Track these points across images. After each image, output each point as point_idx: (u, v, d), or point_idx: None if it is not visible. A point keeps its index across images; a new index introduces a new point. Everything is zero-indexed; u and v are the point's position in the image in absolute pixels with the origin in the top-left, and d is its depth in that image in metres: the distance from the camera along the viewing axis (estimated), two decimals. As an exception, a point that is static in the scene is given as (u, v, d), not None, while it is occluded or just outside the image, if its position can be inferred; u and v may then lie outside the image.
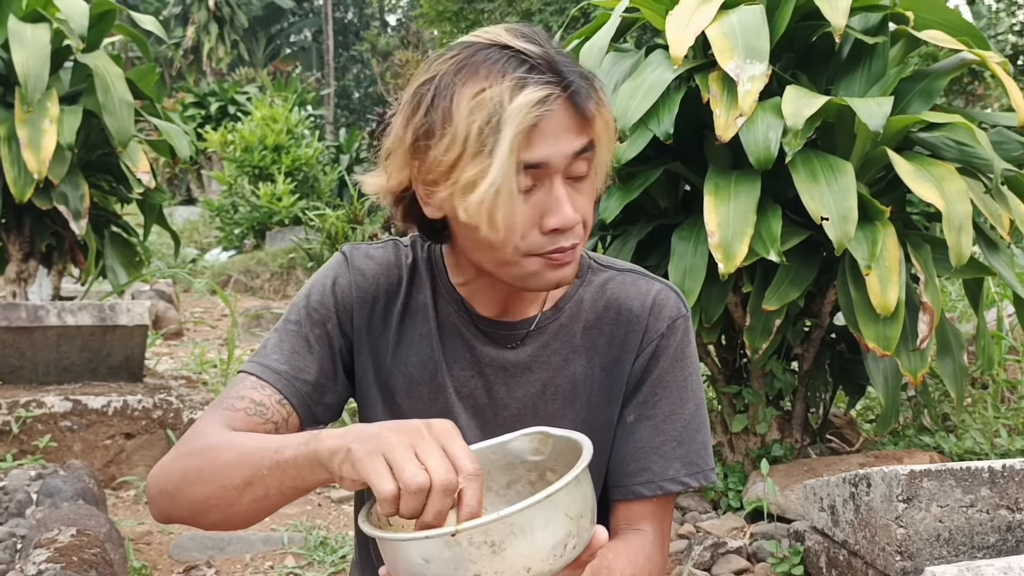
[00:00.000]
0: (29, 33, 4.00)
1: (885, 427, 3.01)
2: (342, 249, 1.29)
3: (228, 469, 1.03)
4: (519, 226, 1.08)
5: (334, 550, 3.08)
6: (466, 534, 0.84)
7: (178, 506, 1.09)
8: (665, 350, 1.23)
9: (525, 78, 1.05)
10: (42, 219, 4.52)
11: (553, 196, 1.08)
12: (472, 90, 1.05)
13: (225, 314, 8.07)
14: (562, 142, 1.07)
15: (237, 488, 1.02)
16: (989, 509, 1.94)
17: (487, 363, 1.24)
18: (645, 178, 2.78)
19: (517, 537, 0.85)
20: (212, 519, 1.08)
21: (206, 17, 27.33)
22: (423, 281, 1.26)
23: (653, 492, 1.21)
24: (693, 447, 1.23)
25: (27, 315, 3.92)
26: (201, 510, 1.07)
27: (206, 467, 1.06)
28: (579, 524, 0.89)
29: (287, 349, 1.21)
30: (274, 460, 0.99)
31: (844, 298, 2.68)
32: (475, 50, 1.08)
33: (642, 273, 1.28)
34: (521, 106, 1.03)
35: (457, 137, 1.04)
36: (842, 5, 2.60)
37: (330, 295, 1.24)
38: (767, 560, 2.51)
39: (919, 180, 2.51)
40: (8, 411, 3.62)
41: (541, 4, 14.67)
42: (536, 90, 1.04)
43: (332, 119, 26.22)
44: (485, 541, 0.84)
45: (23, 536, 2.60)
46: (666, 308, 1.24)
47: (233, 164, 12.04)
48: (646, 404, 1.23)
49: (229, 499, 1.04)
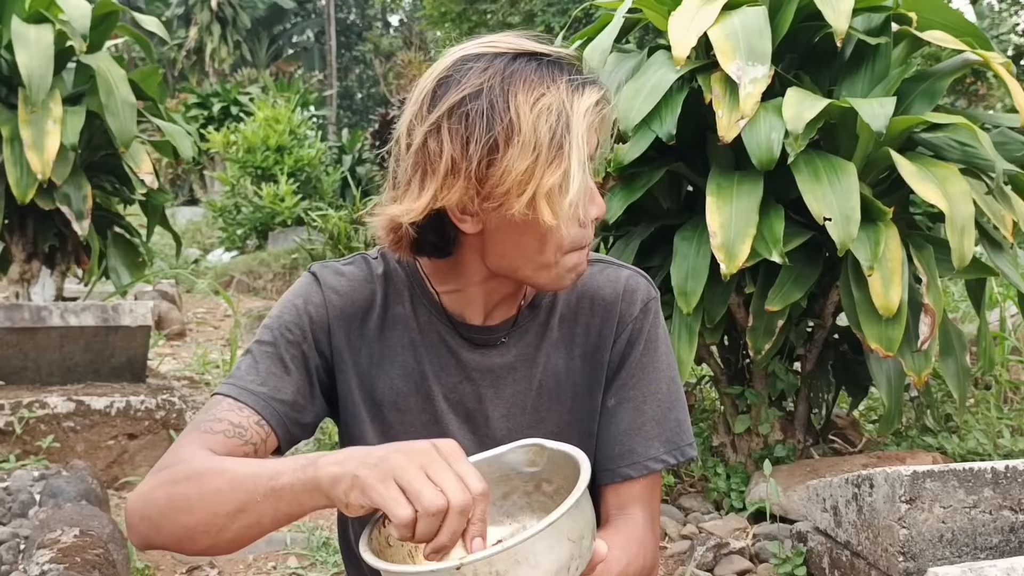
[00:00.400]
0: (32, 34, 4.00)
1: (888, 428, 3.01)
2: (310, 269, 1.27)
3: (219, 496, 1.01)
4: (582, 220, 1.13)
5: (336, 551, 3.09)
6: (471, 566, 0.84)
7: (163, 534, 1.06)
8: (640, 333, 1.26)
9: (574, 79, 1.09)
10: (45, 220, 4.52)
11: (591, 189, 1.13)
12: (530, 97, 1.06)
13: (228, 315, 8.08)
14: (600, 137, 1.13)
15: (228, 515, 1.00)
16: (992, 510, 1.94)
17: (474, 368, 1.24)
18: (648, 179, 2.78)
19: (521, 566, 0.85)
20: (200, 546, 1.05)
21: (209, 18, 27.36)
22: (400, 292, 1.26)
23: (640, 473, 1.24)
24: (668, 425, 1.25)
25: (30, 316, 3.93)
26: (189, 537, 1.04)
27: (194, 494, 1.03)
28: (581, 545, 0.90)
29: (263, 370, 1.18)
30: (269, 487, 0.97)
31: (847, 299, 2.67)
32: (510, 59, 1.09)
33: (608, 261, 1.31)
34: (588, 107, 1.08)
35: (527, 144, 1.04)
36: (844, 8, 2.60)
37: (304, 315, 1.22)
38: (769, 561, 2.51)
39: (922, 181, 2.51)
40: (11, 412, 3.62)
41: (544, 5, 14.67)
42: (592, 91, 1.10)
43: (335, 120, 26.24)
44: (490, 572, 0.84)
45: (26, 537, 2.60)
46: (637, 292, 1.28)
47: (236, 165, 12.05)
48: (625, 387, 1.25)
49: (219, 525, 1.01)
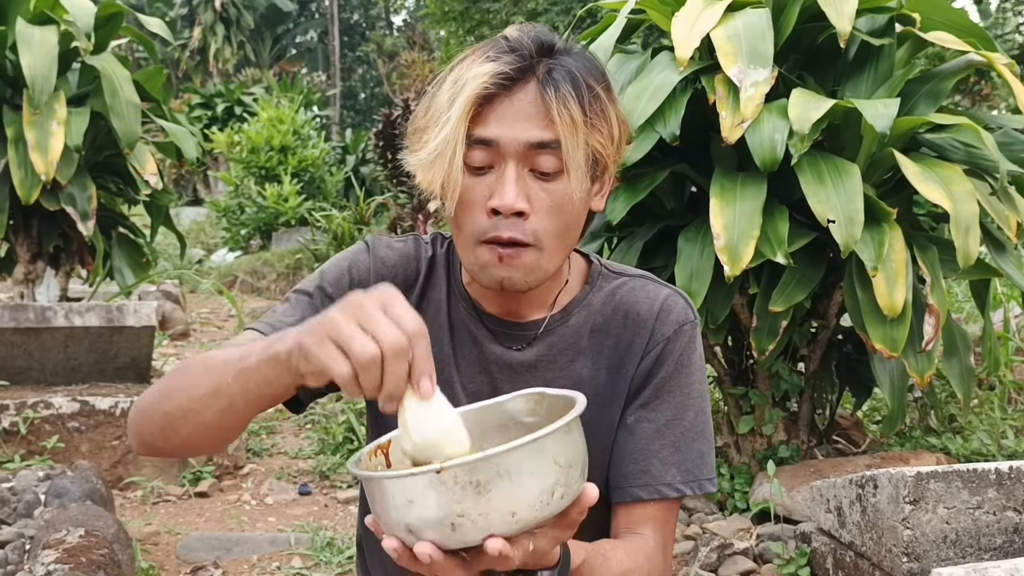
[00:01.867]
0: (37, 35, 4.01)
1: (891, 428, 3.01)
2: (365, 239, 1.30)
3: (195, 380, 1.03)
4: (469, 203, 1.10)
5: (340, 551, 3.09)
6: (451, 472, 0.81)
7: (152, 422, 1.09)
8: (670, 354, 1.23)
9: (497, 57, 1.08)
10: (50, 220, 4.53)
11: (503, 179, 1.09)
12: (456, 66, 1.10)
13: (231, 315, 8.09)
14: (518, 127, 1.08)
15: (203, 398, 1.02)
16: (996, 511, 1.94)
17: (493, 361, 1.24)
18: (651, 180, 2.78)
19: (503, 479, 0.83)
20: (182, 434, 1.06)
21: (212, 18, 27.38)
22: (439, 278, 1.28)
23: (651, 495, 1.21)
24: (690, 455, 1.22)
25: (35, 316, 3.94)
26: (170, 423, 1.06)
27: (176, 382, 1.07)
28: (568, 474, 0.87)
29: (296, 315, 1.21)
30: (238, 368, 0.98)
31: (851, 300, 2.67)
32: (486, 41, 1.12)
33: (652, 279, 1.29)
34: (477, 75, 1.06)
35: (431, 109, 1.10)
36: (847, 10, 2.60)
37: (346, 275, 1.25)
38: (773, 561, 2.51)
39: (926, 181, 2.51)
40: (16, 412, 3.63)
41: (547, 4, 14.67)
42: (498, 65, 1.07)
43: (338, 120, 26.27)
44: (470, 481, 0.82)
45: (31, 537, 2.61)
46: (673, 313, 1.24)
47: (239, 165, 12.05)
48: (647, 407, 1.23)
49: (196, 409, 1.03)
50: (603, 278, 1.28)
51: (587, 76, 1.11)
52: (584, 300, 1.26)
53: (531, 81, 1.09)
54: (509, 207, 1.08)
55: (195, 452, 1.13)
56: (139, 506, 3.58)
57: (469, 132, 1.08)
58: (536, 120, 1.08)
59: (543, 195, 1.11)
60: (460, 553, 0.87)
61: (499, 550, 0.84)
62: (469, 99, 1.07)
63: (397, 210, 9.77)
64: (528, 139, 1.08)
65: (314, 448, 4.35)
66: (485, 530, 0.84)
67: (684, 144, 2.68)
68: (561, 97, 1.08)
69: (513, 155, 1.09)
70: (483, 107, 1.09)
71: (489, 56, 1.09)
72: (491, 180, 1.10)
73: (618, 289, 1.27)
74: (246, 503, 3.68)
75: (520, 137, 1.08)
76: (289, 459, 4.26)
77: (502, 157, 1.09)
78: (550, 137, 1.08)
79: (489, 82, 1.07)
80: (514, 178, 1.09)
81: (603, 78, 1.14)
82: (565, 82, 1.08)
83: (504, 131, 1.08)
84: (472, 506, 0.83)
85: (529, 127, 1.08)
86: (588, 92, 1.10)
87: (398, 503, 0.85)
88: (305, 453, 4.31)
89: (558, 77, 1.09)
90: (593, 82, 1.11)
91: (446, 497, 0.82)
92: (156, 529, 3.27)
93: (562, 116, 1.07)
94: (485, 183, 1.10)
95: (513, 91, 1.09)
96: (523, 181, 1.10)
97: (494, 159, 1.10)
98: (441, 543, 0.85)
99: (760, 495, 2.85)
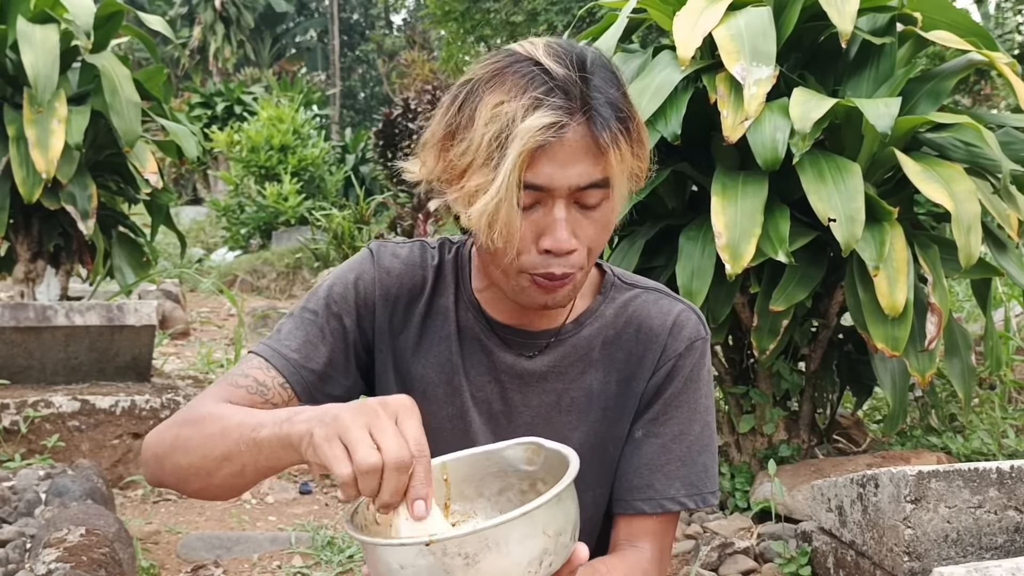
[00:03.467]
0: (38, 34, 4.01)
1: (892, 428, 3.01)
2: (370, 245, 1.30)
3: (210, 441, 1.06)
4: (516, 241, 1.09)
5: (341, 550, 3.09)
6: (440, 545, 0.84)
7: (165, 471, 1.13)
8: (680, 370, 1.23)
9: (541, 100, 1.05)
10: (50, 219, 4.53)
11: (552, 217, 1.09)
12: (494, 100, 1.06)
13: (232, 314, 8.09)
14: (569, 170, 1.07)
15: (216, 460, 1.05)
16: (997, 510, 1.94)
17: (503, 370, 1.24)
18: (652, 178, 2.77)
19: (492, 551, 0.85)
20: (193, 487, 1.12)
21: (212, 17, 27.37)
22: (447, 285, 1.27)
23: (654, 510, 1.22)
24: (695, 469, 1.23)
25: (35, 315, 3.94)
26: (184, 478, 1.11)
27: (192, 436, 1.09)
28: (557, 541, 0.89)
29: (300, 337, 1.22)
30: (251, 438, 1.01)
31: (852, 299, 2.67)
32: (510, 61, 1.09)
33: (665, 292, 1.29)
34: (530, 128, 1.04)
35: (471, 144, 1.06)
36: (849, 10, 2.60)
37: (352, 290, 1.25)
38: (774, 560, 2.51)
39: (927, 181, 2.51)
40: (16, 411, 3.63)
41: (547, 3, 14.66)
42: (546, 114, 1.04)
43: (338, 119, 26.26)
44: (459, 553, 0.84)
45: (32, 536, 2.61)
46: (686, 329, 1.24)
47: (239, 164, 12.06)
48: (655, 422, 1.23)
49: (208, 469, 1.06)
50: (616, 289, 1.28)
51: (620, 99, 1.09)
52: (597, 311, 1.26)
53: (579, 120, 1.06)
54: (563, 249, 1.09)
55: (206, 499, 1.16)
56: (140, 505, 3.58)
57: (523, 179, 1.06)
58: (587, 161, 1.07)
59: (588, 225, 1.11)
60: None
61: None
62: (525, 151, 1.04)
63: (397, 209, 9.78)
64: (579, 183, 1.08)
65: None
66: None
67: (685, 143, 2.68)
68: (613, 137, 1.07)
69: (564, 196, 1.08)
70: (535, 151, 1.06)
71: (535, 97, 1.05)
72: (537, 217, 1.09)
73: (631, 302, 1.27)
74: (246, 502, 3.68)
75: (572, 182, 1.07)
76: (289, 458, 4.26)
77: (552, 198, 1.09)
78: (600, 176, 1.08)
79: (546, 135, 1.04)
80: (564, 218, 1.09)
81: (622, 85, 1.12)
82: (612, 118, 1.07)
83: (557, 176, 1.07)
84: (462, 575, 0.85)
85: (580, 170, 1.07)
86: (630, 120, 1.09)
87: (392, 567, 0.88)
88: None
89: (605, 113, 1.07)
90: (627, 104, 1.10)
91: (436, 567, 0.85)
92: (157, 528, 3.27)
93: (614, 155, 1.07)
94: (533, 220, 1.09)
95: (563, 133, 1.06)
96: (572, 218, 1.10)
97: (543, 198, 1.09)
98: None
99: (761, 494, 2.85)
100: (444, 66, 16.64)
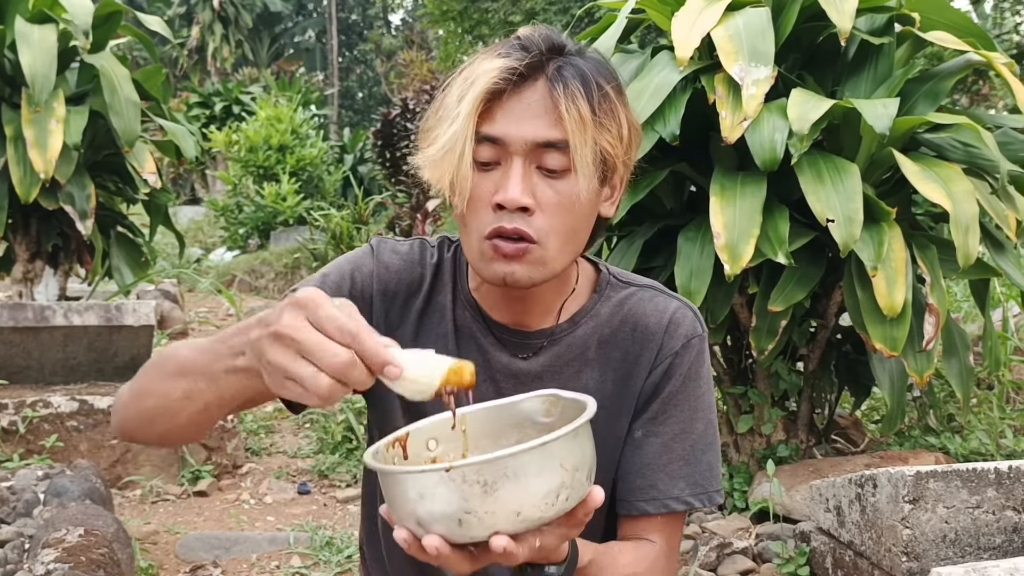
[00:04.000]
0: (36, 34, 4.00)
1: (890, 428, 3.01)
2: (371, 241, 1.30)
3: (168, 382, 1.04)
4: (467, 192, 1.09)
5: (340, 550, 3.09)
6: (460, 471, 0.85)
7: (128, 417, 1.12)
8: (678, 368, 1.22)
9: (508, 53, 1.08)
10: (48, 219, 4.52)
11: (507, 175, 1.09)
12: (467, 65, 1.09)
13: (230, 314, 8.08)
14: (524, 124, 1.07)
15: (177, 401, 1.03)
16: (995, 510, 1.94)
17: (499, 370, 1.24)
18: (651, 179, 2.78)
19: (510, 480, 0.86)
20: (159, 430, 1.09)
21: (210, 17, 27.36)
22: (445, 283, 1.27)
23: (657, 510, 1.21)
24: (699, 468, 1.22)
25: (34, 315, 3.93)
26: (149, 419, 1.08)
27: (150, 383, 1.08)
28: (574, 476, 0.90)
29: None
30: (209, 374, 0.99)
31: (850, 299, 2.68)
32: (499, 42, 1.12)
33: (661, 290, 1.28)
34: (487, 70, 1.06)
35: (440, 105, 1.09)
36: (848, 8, 2.60)
37: (348, 280, 1.24)
38: (773, 561, 2.51)
39: (926, 181, 2.51)
40: (15, 411, 3.63)
41: (545, 3, 14.66)
42: (508, 61, 1.06)
43: (336, 119, 26.24)
44: (478, 480, 0.86)
45: (31, 536, 2.61)
46: (682, 327, 1.23)
47: (238, 164, 12.04)
48: (655, 421, 1.22)
49: (172, 410, 1.04)
50: (611, 287, 1.27)
51: (597, 76, 1.10)
52: (592, 310, 1.25)
53: (540, 79, 1.08)
54: (513, 201, 1.08)
55: (175, 443, 1.16)
56: (138, 505, 3.58)
57: (477, 129, 1.08)
58: (544, 118, 1.08)
59: (550, 192, 1.10)
60: (467, 547, 0.90)
61: (504, 547, 0.87)
62: (478, 95, 1.06)
63: (396, 209, 9.77)
64: (535, 137, 1.08)
65: (313, 447, 4.35)
66: (491, 527, 0.87)
67: (684, 143, 2.69)
68: (570, 94, 1.07)
69: (520, 152, 1.08)
70: (492, 104, 1.08)
71: (500, 53, 1.09)
72: (497, 176, 1.10)
73: (627, 300, 1.26)
74: (245, 502, 3.68)
75: (527, 135, 1.08)
76: (288, 458, 4.26)
77: (509, 154, 1.08)
78: (558, 136, 1.08)
79: (498, 77, 1.06)
80: (520, 174, 1.08)
81: (613, 79, 1.13)
82: (575, 80, 1.08)
83: (512, 128, 1.08)
84: (479, 504, 0.86)
85: (537, 125, 1.08)
86: (598, 91, 1.09)
87: (410, 496, 0.88)
88: (304, 452, 4.31)
89: (568, 75, 1.08)
90: (603, 82, 1.10)
91: (455, 494, 0.86)
92: (155, 528, 3.27)
93: (570, 113, 1.06)
94: (492, 179, 1.10)
95: (522, 88, 1.08)
96: (529, 178, 1.09)
97: (501, 156, 1.09)
98: (448, 537, 0.88)
99: (759, 494, 2.85)
100: (442, 66, 16.64)
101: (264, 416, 4.86)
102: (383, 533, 1.32)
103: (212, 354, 0.99)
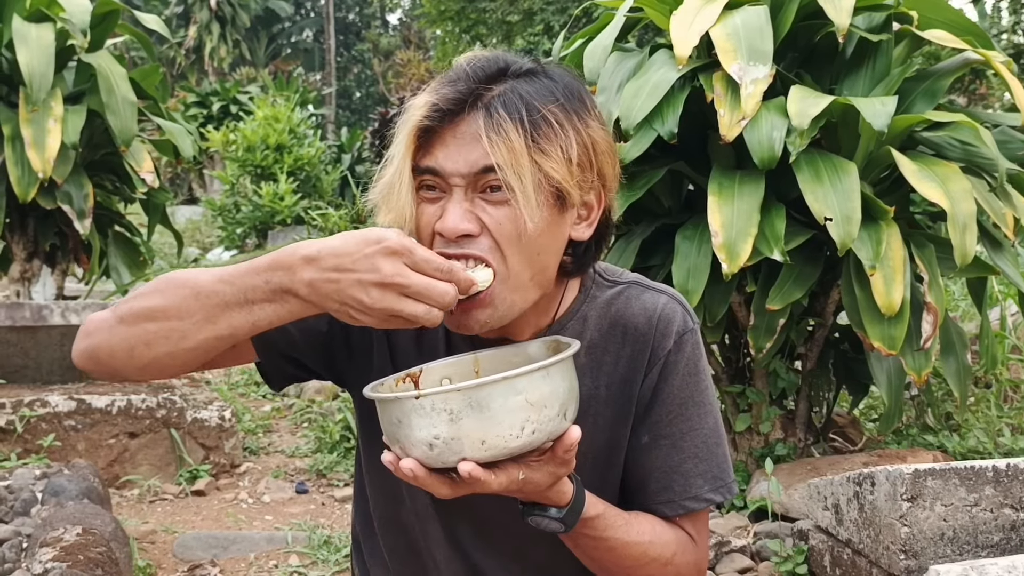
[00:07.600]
0: (33, 33, 4.00)
1: (888, 426, 3.01)
2: None
3: (185, 304, 1.04)
4: (421, 229, 1.11)
5: (337, 549, 3.09)
6: (429, 399, 0.94)
7: (115, 338, 1.08)
8: (675, 367, 1.20)
9: (437, 89, 1.09)
10: (46, 219, 4.52)
11: (446, 205, 1.09)
12: (407, 102, 1.13)
13: (227, 313, 8.08)
14: (459, 156, 1.07)
15: (197, 324, 1.04)
16: (993, 508, 1.94)
17: None
18: (649, 178, 2.78)
19: (474, 410, 0.94)
20: (155, 353, 1.07)
21: (208, 17, 27.33)
22: None
23: (675, 512, 1.20)
24: (715, 461, 1.21)
25: (31, 314, 3.93)
26: (147, 341, 1.06)
27: (161, 304, 1.06)
28: (540, 412, 0.97)
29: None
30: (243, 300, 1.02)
31: (848, 298, 2.68)
32: (441, 74, 1.14)
33: (647, 285, 1.25)
34: (415, 106, 1.09)
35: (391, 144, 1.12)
36: (846, 5, 2.60)
37: None
38: (771, 559, 2.51)
39: (924, 179, 2.52)
40: (12, 410, 3.62)
41: (543, 3, 14.67)
42: (433, 97, 1.08)
43: (334, 119, 26.21)
44: (445, 408, 0.94)
45: (29, 535, 2.61)
46: (672, 323, 1.20)
47: (235, 163, 12.04)
48: (660, 423, 1.20)
49: (186, 333, 1.05)
50: (597, 286, 1.24)
51: (539, 99, 1.07)
52: (578, 312, 1.22)
53: (477, 108, 1.07)
54: (451, 230, 1.07)
55: (153, 376, 1.11)
56: (136, 504, 3.58)
57: (418, 163, 1.09)
58: (478, 147, 1.06)
59: (493, 212, 1.08)
60: (449, 473, 0.98)
61: (469, 472, 0.95)
62: (409, 133, 1.09)
63: (393, 209, 9.77)
64: (470, 168, 1.06)
65: (311, 447, 4.35)
66: (458, 453, 0.95)
67: (682, 142, 2.69)
68: (496, 124, 1.05)
69: (459, 183, 1.07)
70: (428, 138, 1.08)
71: (432, 88, 1.10)
72: (440, 206, 1.09)
73: (613, 301, 1.22)
74: (243, 501, 3.68)
75: (460, 167, 1.07)
76: (286, 458, 4.26)
77: (449, 185, 1.08)
78: (488, 163, 1.06)
79: (424, 115, 1.08)
80: (459, 202, 1.08)
81: (571, 99, 1.10)
82: (506, 108, 1.06)
83: (447, 162, 1.07)
84: (445, 430, 0.95)
85: (470, 155, 1.06)
86: (533, 115, 1.06)
87: (392, 421, 0.99)
88: (302, 451, 4.31)
89: (498, 103, 1.06)
90: (546, 104, 1.07)
91: (425, 420, 0.95)
92: (153, 527, 3.27)
93: (494, 142, 1.05)
94: (432, 212, 1.10)
95: (457, 120, 1.07)
96: (472, 205, 1.08)
97: (444, 187, 1.09)
98: (423, 461, 0.97)
99: (757, 493, 2.85)
100: (439, 65, 16.64)
101: (262, 416, 4.86)
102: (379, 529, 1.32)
103: (243, 287, 1.02)
